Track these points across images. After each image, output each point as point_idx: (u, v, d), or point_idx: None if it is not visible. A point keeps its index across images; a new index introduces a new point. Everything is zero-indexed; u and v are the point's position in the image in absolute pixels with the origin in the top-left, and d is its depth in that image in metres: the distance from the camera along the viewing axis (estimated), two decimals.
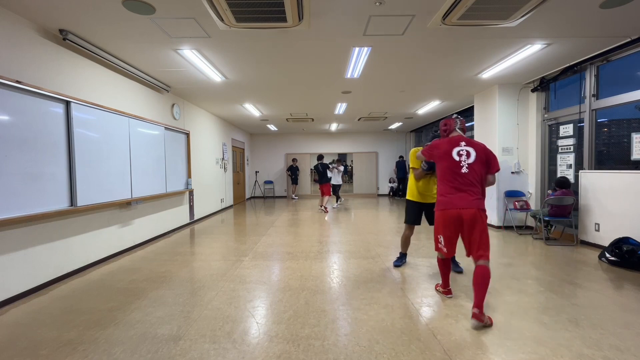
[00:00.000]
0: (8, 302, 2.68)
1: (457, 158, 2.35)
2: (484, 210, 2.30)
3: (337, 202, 9.12)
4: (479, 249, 2.26)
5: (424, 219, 3.37)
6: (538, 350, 1.89)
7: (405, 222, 3.42)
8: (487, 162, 2.37)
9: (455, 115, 2.60)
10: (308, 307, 2.50)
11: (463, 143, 2.39)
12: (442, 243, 2.42)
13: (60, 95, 3.13)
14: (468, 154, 2.35)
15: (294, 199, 11.48)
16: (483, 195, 2.37)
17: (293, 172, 11.34)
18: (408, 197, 3.39)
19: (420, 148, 3.08)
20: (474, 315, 2.16)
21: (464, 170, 2.32)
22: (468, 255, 2.35)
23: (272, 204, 10.15)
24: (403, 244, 3.52)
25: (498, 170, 2.42)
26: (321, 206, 8.42)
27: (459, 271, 3.26)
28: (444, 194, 2.37)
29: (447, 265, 2.64)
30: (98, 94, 3.81)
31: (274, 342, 2.02)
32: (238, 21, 2.88)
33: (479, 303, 2.17)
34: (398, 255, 3.59)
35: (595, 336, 2.04)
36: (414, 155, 3.19)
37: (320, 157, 8.66)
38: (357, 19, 3.04)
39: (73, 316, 2.42)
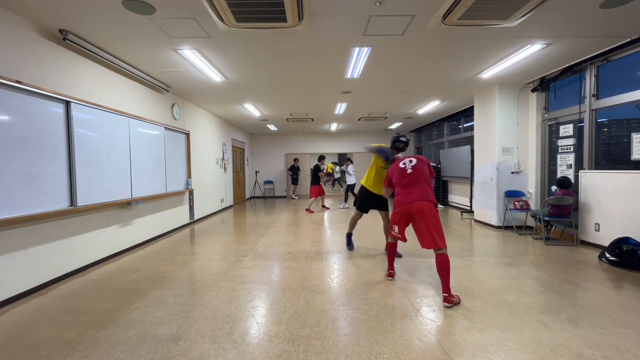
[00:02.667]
0: (8, 302, 2.69)
1: (402, 166, 2.98)
2: (434, 202, 2.77)
3: (345, 202, 9.05)
4: (430, 239, 2.65)
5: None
6: (538, 350, 1.89)
7: (356, 207, 4.01)
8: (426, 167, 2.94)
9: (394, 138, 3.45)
10: (308, 307, 2.50)
11: (407, 158, 3.05)
12: (396, 231, 2.95)
13: (60, 95, 3.13)
14: (411, 161, 2.95)
15: (293, 199, 11.48)
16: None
17: (294, 172, 11.32)
18: (364, 183, 3.93)
19: (382, 145, 3.79)
20: (444, 299, 2.52)
21: (409, 171, 2.88)
22: (423, 246, 2.67)
23: (272, 204, 10.16)
24: (351, 225, 4.14)
25: (433, 174, 2.98)
26: (322, 206, 8.44)
27: (399, 256, 3.79)
28: (397, 194, 2.97)
29: (394, 249, 3.14)
30: (98, 94, 3.81)
31: (274, 342, 2.02)
32: (238, 21, 2.88)
33: (445, 288, 2.53)
34: (347, 239, 4.23)
35: (595, 336, 2.04)
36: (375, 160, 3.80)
37: (321, 157, 8.65)
38: (357, 19, 3.04)
39: (73, 316, 2.42)
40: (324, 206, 8.62)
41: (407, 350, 1.91)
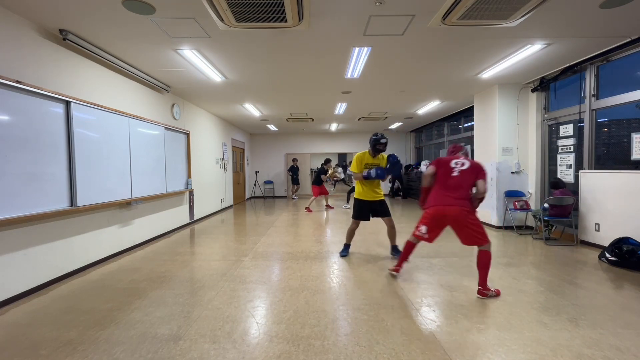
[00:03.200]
0: (8, 302, 2.68)
1: (452, 166, 2.77)
2: (469, 210, 2.66)
3: (347, 202, 8.95)
4: (468, 238, 2.67)
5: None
6: (538, 350, 1.89)
7: (355, 218, 3.84)
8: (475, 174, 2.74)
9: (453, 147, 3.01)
10: (308, 307, 2.50)
11: (461, 156, 2.86)
12: (424, 231, 2.83)
13: (60, 95, 3.13)
14: (463, 164, 2.75)
15: (294, 199, 11.48)
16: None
17: (294, 172, 11.32)
18: (357, 196, 3.84)
19: (364, 152, 3.81)
20: (478, 292, 2.66)
21: (455, 174, 2.71)
22: (464, 244, 2.71)
23: (272, 204, 10.15)
24: (348, 235, 3.96)
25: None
26: (326, 205, 8.43)
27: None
28: (434, 195, 2.81)
29: (412, 250, 3.05)
30: (98, 94, 3.81)
31: (274, 342, 2.02)
32: (238, 21, 2.88)
33: (482, 281, 2.64)
34: (344, 247, 4.02)
35: (595, 336, 2.04)
36: (356, 161, 3.77)
37: (327, 160, 8.61)
38: (357, 19, 3.04)
39: (73, 316, 2.42)
40: (328, 206, 8.55)
41: (407, 350, 1.91)
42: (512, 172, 5.48)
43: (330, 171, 8.58)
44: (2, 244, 2.67)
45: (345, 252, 3.97)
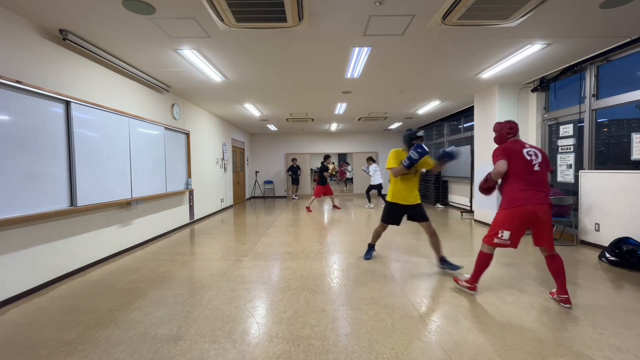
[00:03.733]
0: (8, 302, 2.68)
1: (528, 158, 2.47)
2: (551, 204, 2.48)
3: (369, 202, 8.83)
4: (547, 240, 2.47)
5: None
6: (538, 350, 1.89)
7: (384, 221, 3.50)
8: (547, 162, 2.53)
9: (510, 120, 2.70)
10: (308, 307, 2.50)
11: (528, 145, 2.57)
12: (506, 237, 2.48)
13: (60, 95, 3.13)
14: (536, 155, 2.49)
15: (294, 198, 11.49)
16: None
17: (294, 172, 11.33)
18: (388, 198, 3.46)
19: (400, 150, 3.38)
20: (563, 301, 2.45)
21: (536, 168, 2.45)
22: (536, 244, 2.51)
23: (272, 204, 10.15)
24: (375, 236, 3.70)
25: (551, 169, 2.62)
26: (333, 206, 8.42)
27: (455, 269, 3.24)
28: (517, 191, 2.45)
29: (488, 263, 2.66)
30: (98, 94, 3.81)
31: (274, 342, 2.02)
32: (238, 21, 2.88)
33: (563, 289, 2.45)
34: (368, 249, 3.77)
35: (595, 336, 2.04)
36: (389, 157, 3.38)
37: (326, 157, 8.52)
38: (357, 19, 3.04)
39: (73, 316, 2.42)
40: (335, 206, 8.41)
41: (407, 350, 1.91)
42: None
43: (331, 167, 8.45)
44: (2, 244, 2.67)
45: (369, 255, 3.74)
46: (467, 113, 7.43)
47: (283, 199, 11.51)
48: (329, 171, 8.36)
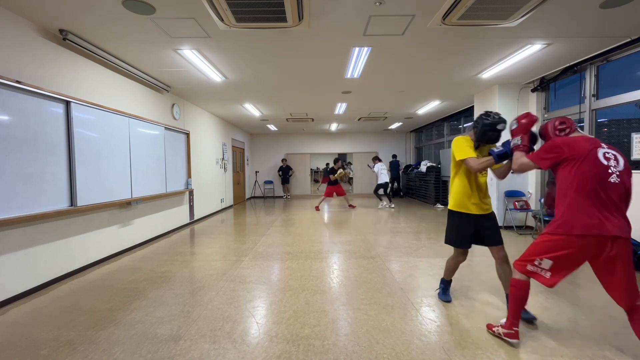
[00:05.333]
0: (8, 302, 2.69)
1: (604, 162, 1.68)
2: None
3: (382, 201, 8.68)
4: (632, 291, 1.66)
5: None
6: (538, 351, 1.89)
7: (450, 243, 2.45)
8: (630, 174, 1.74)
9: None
10: (308, 307, 2.50)
11: (605, 146, 1.75)
12: (547, 268, 1.78)
13: (60, 95, 3.13)
14: (617, 159, 1.70)
15: (287, 198, 11.69)
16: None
17: (284, 172, 11.54)
18: (452, 207, 2.44)
19: (466, 137, 2.39)
20: None
21: (613, 179, 1.65)
22: (621, 304, 1.75)
23: (272, 204, 10.15)
24: (449, 271, 2.58)
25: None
26: (349, 205, 8.44)
27: (530, 318, 2.26)
28: (579, 211, 1.69)
29: (526, 296, 1.95)
30: (98, 94, 3.81)
31: (274, 342, 2.02)
32: (238, 21, 2.88)
33: None
34: (441, 285, 2.66)
35: (595, 336, 2.04)
36: (460, 144, 2.33)
37: (336, 160, 8.45)
38: (357, 19, 3.04)
39: (73, 316, 2.42)
40: (350, 205, 8.48)
41: (407, 350, 1.91)
42: (512, 172, 5.47)
43: (339, 171, 8.40)
44: (2, 244, 2.67)
45: (445, 295, 2.61)
46: (467, 113, 7.43)
47: (283, 199, 11.51)
48: (336, 175, 8.26)
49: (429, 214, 7.46)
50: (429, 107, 7.32)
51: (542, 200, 1.96)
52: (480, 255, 3.90)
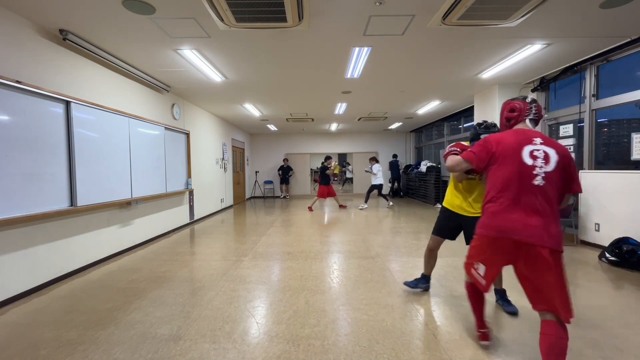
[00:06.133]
0: (8, 302, 2.68)
1: (529, 161, 1.57)
2: (561, 251, 1.52)
3: (388, 202, 8.64)
4: (549, 302, 1.50)
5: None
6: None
7: (433, 231, 2.65)
8: (567, 174, 1.58)
9: (530, 98, 1.78)
10: (308, 307, 2.50)
11: (539, 140, 1.60)
12: (481, 273, 1.69)
13: (60, 95, 3.13)
14: (546, 157, 1.56)
15: (286, 197, 11.72)
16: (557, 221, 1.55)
17: (284, 171, 11.57)
18: (445, 203, 2.63)
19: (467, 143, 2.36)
20: None
21: (538, 181, 1.54)
22: (534, 307, 1.58)
23: (272, 204, 10.15)
24: (427, 262, 2.72)
25: (579, 190, 1.64)
26: (340, 206, 8.43)
27: (511, 311, 2.37)
28: (498, 211, 1.60)
29: (480, 293, 1.87)
30: (98, 94, 3.81)
31: (274, 342, 2.02)
32: (238, 21, 2.88)
33: None
34: (418, 277, 2.78)
35: (595, 336, 2.04)
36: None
37: (327, 157, 8.45)
38: (357, 19, 3.04)
39: (73, 316, 2.42)
40: (341, 206, 8.45)
41: (407, 350, 1.91)
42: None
43: (333, 165, 8.39)
44: (2, 244, 2.67)
45: (415, 284, 2.76)
46: (467, 113, 7.43)
47: (283, 199, 11.51)
48: (330, 169, 8.29)
49: (429, 214, 7.46)
50: (429, 107, 7.32)
51: None
52: None
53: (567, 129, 4.75)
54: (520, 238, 1.52)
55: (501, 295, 2.51)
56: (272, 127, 10.37)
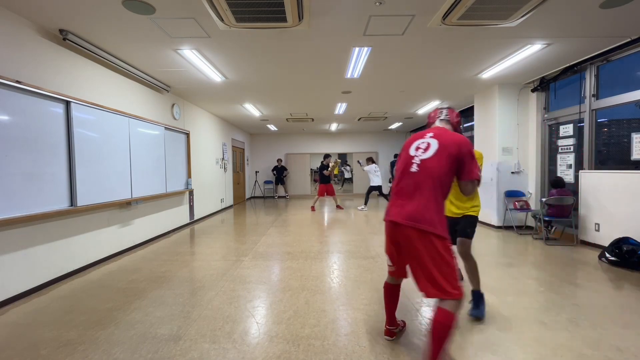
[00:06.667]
0: (8, 302, 2.68)
1: (413, 153, 1.73)
2: (434, 234, 1.55)
3: (365, 204, 8.47)
4: (428, 283, 1.57)
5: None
6: (538, 350, 1.89)
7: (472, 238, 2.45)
8: (457, 161, 1.64)
9: (445, 105, 2.13)
10: (308, 307, 2.50)
11: (430, 134, 1.74)
12: (389, 262, 1.84)
13: (60, 95, 3.13)
14: (427, 147, 1.68)
15: (285, 197, 11.79)
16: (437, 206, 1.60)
17: (278, 172, 11.58)
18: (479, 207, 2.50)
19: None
20: None
21: (414, 168, 1.67)
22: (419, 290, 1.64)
23: (272, 204, 10.15)
24: (471, 273, 2.42)
25: (473, 178, 1.65)
26: (337, 206, 8.40)
27: (476, 316, 2.28)
28: (391, 198, 1.79)
29: (392, 293, 1.96)
30: (98, 94, 3.81)
31: (274, 342, 2.02)
32: (238, 21, 2.88)
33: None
34: (473, 303, 2.38)
35: (595, 336, 2.04)
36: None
37: (326, 155, 8.41)
38: (357, 19, 3.04)
39: (73, 316, 2.42)
40: (338, 206, 8.41)
41: (407, 350, 1.91)
42: (512, 172, 5.48)
43: (332, 164, 8.36)
44: (2, 244, 2.67)
45: (479, 307, 2.34)
46: (467, 113, 7.43)
47: (283, 199, 11.51)
48: (330, 169, 8.27)
49: None
50: (429, 107, 7.32)
51: None
52: (480, 255, 3.90)
53: (567, 129, 4.75)
54: (391, 219, 1.68)
55: (477, 297, 2.43)
56: (272, 127, 10.37)
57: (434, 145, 1.67)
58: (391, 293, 1.96)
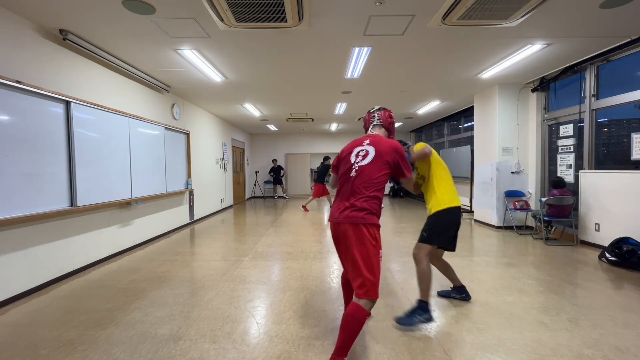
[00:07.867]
0: (8, 302, 2.68)
1: (353, 159, 1.87)
2: (364, 224, 1.75)
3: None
4: (354, 270, 1.76)
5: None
6: (538, 350, 1.89)
7: (431, 242, 2.35)
8: (394, 166, 1.84)
9: (376, 108, 2.12)
10: (308, 307, 2.50)
11: (367, 142, 1.89)
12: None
13: (60, 95, 3.13)
14: (365, 155, 1.84)
15: (284, 197, 11.76)
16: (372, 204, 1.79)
17: (275, 172, 11.58)
18: (449, 204, 2.32)
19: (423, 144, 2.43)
20: None
21: (352, 174, 1.83)
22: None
23: (272, 204, 10.15)
24: (424, 282, 2.28)
25: (407, 177, 1.90)
26: (332, 206, 8.37)
27: (401, 323, 2.19)
28: (334, 202, 1.95)
29: (348, 285, 2.07)
30: (98, 94, 3.80)
31: (274, 342, 2.02)
32: (238, 21, 2.88)
33: (337, 350, 1.65)
34: (419, 311, 2.23)
35: (595, 336, 2.04)
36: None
37: (326, 157, 8.43)
38: (357, 19, 3.04)
39: (73, 316, 2.42)
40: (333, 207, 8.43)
41: (407, 350, 1.91)
42: (512, 172, 5.48)
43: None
44: (2, 244, 2.67)
45: (425, 313, 2.22)
46: (467, 113, 7.43)
47: (282, 199, 11.51)
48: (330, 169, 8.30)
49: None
50: (429, 107, 7.32)
51: None
52: (480, 255, 3.91)
53: (567, 129, 4.75)
54: (332, 219, 1.85)
55: (457, 290, 2.62)
56: (272, 127, 10.37)
57: (372, 152, 1.84)
58: (348, 286, 2.10)
